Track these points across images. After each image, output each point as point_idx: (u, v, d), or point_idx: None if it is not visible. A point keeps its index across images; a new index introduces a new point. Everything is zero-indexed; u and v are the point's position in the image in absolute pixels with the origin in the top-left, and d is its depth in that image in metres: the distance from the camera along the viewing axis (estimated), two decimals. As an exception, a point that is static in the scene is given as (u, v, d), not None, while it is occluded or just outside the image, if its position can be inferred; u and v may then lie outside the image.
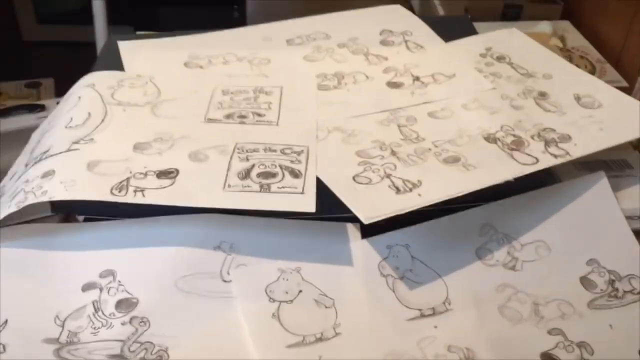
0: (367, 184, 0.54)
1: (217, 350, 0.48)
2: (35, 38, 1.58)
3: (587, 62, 0.85)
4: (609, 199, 0.59)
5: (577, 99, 0.67)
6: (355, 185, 0.54)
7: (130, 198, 0.51)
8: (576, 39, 0.90)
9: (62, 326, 0.48)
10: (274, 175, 0.54)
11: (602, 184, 0.59)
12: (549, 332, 0.50)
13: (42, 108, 0.82)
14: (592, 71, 0.83)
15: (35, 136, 0.64)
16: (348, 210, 0.51)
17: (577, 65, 0.78)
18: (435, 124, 0.63)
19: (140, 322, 0.48)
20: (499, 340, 0.49)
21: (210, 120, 0.62)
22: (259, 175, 0.54)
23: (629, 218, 0.59)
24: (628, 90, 0.76)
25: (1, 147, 0.69)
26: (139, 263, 0.51)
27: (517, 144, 0.59)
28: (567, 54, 0.86)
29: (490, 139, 0.60)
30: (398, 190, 0.53)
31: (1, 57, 1.41)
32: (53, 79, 1.25)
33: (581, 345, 0.49)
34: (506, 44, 0.76)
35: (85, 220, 0.55)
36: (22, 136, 0.65)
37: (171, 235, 0.53)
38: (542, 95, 0.67)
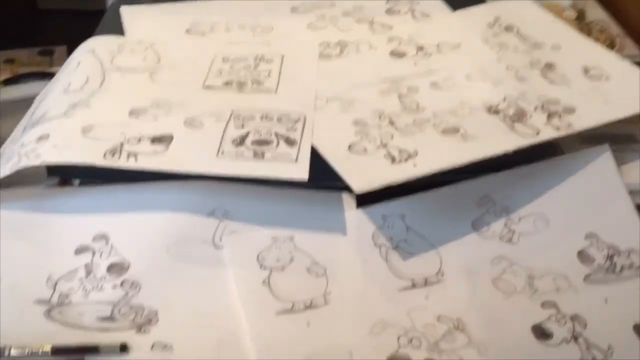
0: (362, 153, 0.54)
1: (206, 315, 0.48)
2: (51, 6, 1.58)
3: (607, 37, 0.83)
4: (612, 172, 0.58)
5: (585, 71, 0.65)
6: (350, 155, 0.53)
7: (123, 163, 0.51)
8: (596, 12, 0.88)
9: (54, 288, 0.48)
10: (268, 142, 0.54)
11: (605, 157, 0.58)
12: (542, 305, 0.50)
13: (54, 76, 0.82)
14: (612, 46, 0.80)
15: (36, 101, 0.64)
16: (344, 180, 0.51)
17: (596, 40, 0.76)
18: (437, 95, 0.62)
19: (131, 285, 0.49)
20: (490, 312, 0.49)
21: (208, 87, 0.61)
22: (253, 142, 0.54)
23: (632, 193, 0.57)
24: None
25: (12, 114, 0.69)
26: (131, 228, 0.52)
27: (519, 116, 0.58)
28: (586, 27, 0.84)
29: (492, 110, 0.59)
30: (393, 160, 0.53)
31: (16, 24, 1.41)
32: (66, 46, 1.24)
33: (574, 318, 0.49)
34: (515, 14, 0.74)
35: (81, 184, 0.55)
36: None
37: (165, 201, 0.53)
38: (549, 66, 0.66)
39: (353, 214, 0.54)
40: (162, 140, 0.53)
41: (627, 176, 0.58)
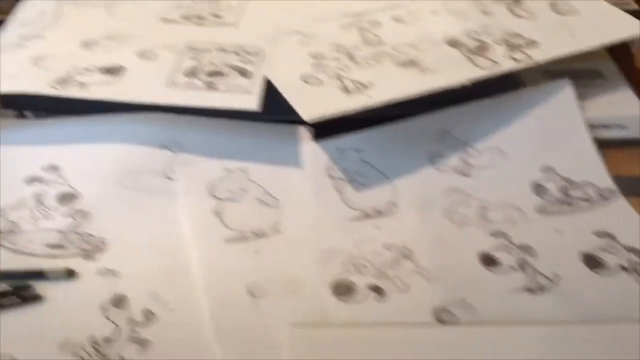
0: (316, 84, 0.53)
1: (156, 244, 0.48)
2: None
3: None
4: (572, 106, 0.57)
5: (553, 5, 0.64)
6: (304, 85, 0.53)
7: (72, 92, 0.51)
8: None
9: (3, 216, 0.48)
10: (222, 74, 0.53)
11: (565, 91, 0.58)
12: (492, 235, 0.50)
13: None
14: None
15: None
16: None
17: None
18: (399, 29, 0.61)
19: (81, 215, 0.49)
20: (439, 241, 0.49)
21: (166, 20, 0.60)
22: (206, 74, 0.53)
23: (592, 127, 0.57)
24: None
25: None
26: (83, 159, 0.52)
27: (480, 49, 0.57)
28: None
29: (453, 43, 0.58)
30: (347, 91, 0.52)
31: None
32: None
33: (523, 247, 0.49)
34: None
35: (34, 117, 0.55)
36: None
37: (117, 133, 0.53)
38: (516, 0, 0.64)
39: (308, 147, 0.54)
40: (114, 71, 0.53)
41: (589, 111, 0.58)
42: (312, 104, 0.50)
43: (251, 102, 0.50)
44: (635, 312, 0.44)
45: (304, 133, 0.54)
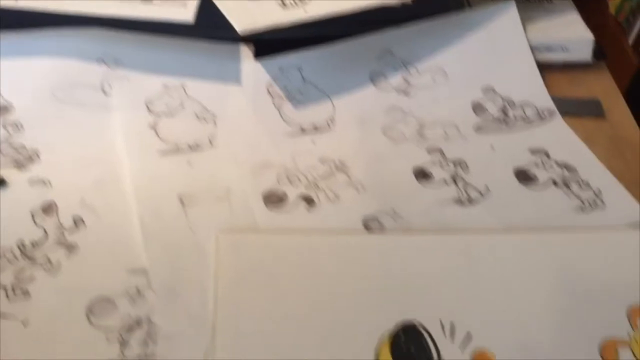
0: (254, -2, 0.52)
1: (88, 156, 0.48)
2: None
3: None
4: (516, 28, 0.57)
5: None
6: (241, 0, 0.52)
7: (3, 2, 0.49)
8: None
9: None
10: (158, -13, 0.52)
11: (510, 12, 0.57)
12: (428, 150, 0.50)
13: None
14: None
15: None
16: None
17: None
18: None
19: (14, 127, 0.48)
20: (374, 156, 0.49)
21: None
22: (142, -13, 0.52)
23: (536, 49, 0.57)
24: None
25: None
26: (17, 72, 0.51)
27: (426, -31, 0.57)
28: None
29: (401, -35, 0.57)
30: (284, 5, 0.52)
31: None
32: None
33: (457, 162, 0.49)
34: None
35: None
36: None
37: (53, 47, 0.52)
38: None
39: (249, 65, 0.54)
40: (46, -17, 0.52)
41: (534, 33, 0.58)
42: (246, 17, 0.50)
43: (186, 14, 0.50)
44: (560, 222, 0.45)
45: (246, 52, 0.54)
